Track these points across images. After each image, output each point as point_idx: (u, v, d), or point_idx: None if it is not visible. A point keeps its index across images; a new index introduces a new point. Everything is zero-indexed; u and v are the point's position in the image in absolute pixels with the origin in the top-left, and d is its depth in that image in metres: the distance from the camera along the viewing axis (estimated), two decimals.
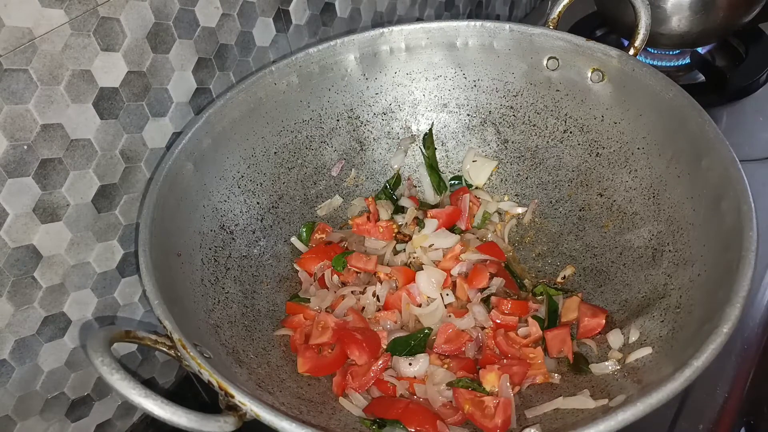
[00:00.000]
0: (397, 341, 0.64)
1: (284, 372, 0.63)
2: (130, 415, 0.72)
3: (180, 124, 0.67)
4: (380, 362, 0.61)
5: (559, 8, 0.75)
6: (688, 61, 1.04)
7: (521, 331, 0.65)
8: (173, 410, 0.42)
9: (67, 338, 0.62)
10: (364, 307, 0.68)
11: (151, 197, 0.58)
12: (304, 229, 0.77)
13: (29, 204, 0.55)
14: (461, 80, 0.79)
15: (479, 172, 0.81)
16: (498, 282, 0.68)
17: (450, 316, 0.66)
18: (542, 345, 0.64)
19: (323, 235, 0.76)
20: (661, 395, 0.43)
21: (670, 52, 1.05)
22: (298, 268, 0.74)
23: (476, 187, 0.81)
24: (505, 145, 0.80)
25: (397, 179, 0.82)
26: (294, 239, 0.76)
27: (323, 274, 0.72)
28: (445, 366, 0.62)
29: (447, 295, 0.68)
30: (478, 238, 0.75)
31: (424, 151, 0.82)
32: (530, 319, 0.65)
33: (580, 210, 0.75)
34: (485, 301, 0.67)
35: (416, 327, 0.67)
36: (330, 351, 0.65)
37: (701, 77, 1.02)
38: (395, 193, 0.81)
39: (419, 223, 0.76)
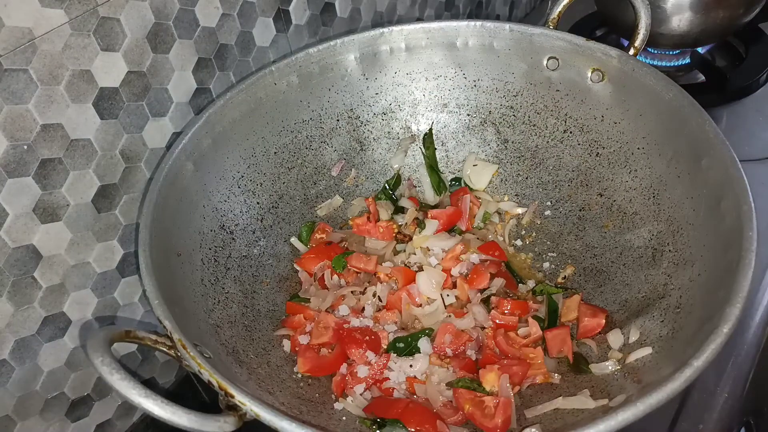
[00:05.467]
0: (397, 341, 0.64)
1: (284, 372, 0.63)
2: (130, 415, 0.72)
3: (180, 124, 0.67)
4: (380, 362, 0.62)
5: (559, 8, 0.75)
6: (688, 61, 1.04)
7: (521, 331, 0.65)
8: (173, 410, 0.42)
9: (67, 338, 0.62)
10: (364, 307, 0.68)
11: (151, 197, 0.58)
12: (304, 229, 0.77)
13: (29, 204, 0.55)
14: (461, 80, 0.79)
15: (480, 177, 0.81)
16: (498, 282, 0.68)
17: (450, 316, 0.66)
18: (542, 345, 0.64)
19: (323, 235, 0.76)
20: (661, 395, 0.43)
21: (670, 52, 1.05)
22: (298, 268, 0.74)
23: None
24: (505, 145, 0.80)
25: (397, 179, 0.82)
26: (294, 239, 0.76)
27: (323, 274, 0.72)
28: (445, 366, 0.62)
29: (448, 295, 0.68)
30: (478, 238, 0.75)
31: (424, 151, 0.82)
32: (530, 319, 0.65)
33: (580, 210, 0.75)
34: (485, 301, 0.67)
35: (416, 327, 0.67)
36: (330, 351, 0.65)
37: (701, 77, 1.02)
38: (395, 194, 0.81)
39: (419, 224, 0.76)
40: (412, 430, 0.55)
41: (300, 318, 0.68)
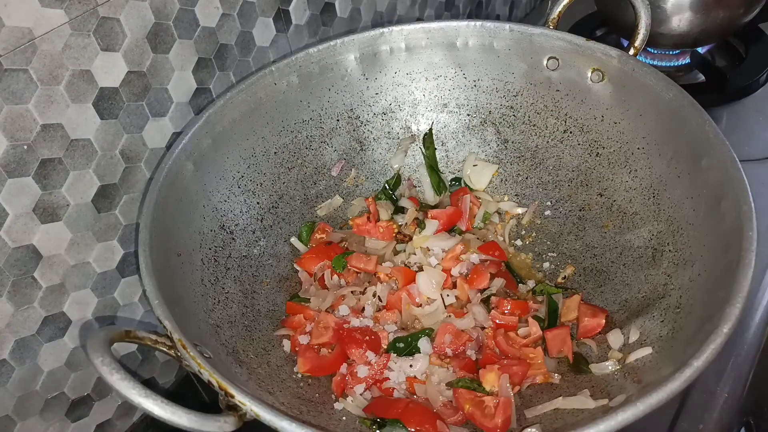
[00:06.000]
0: (397, 341, 0.64)
1: (284, 372, 0.63)
2: (130, 415, 0.72)
3: (180, 124, 0.67)
4: (380, 362, 0.62)
5: (559, 8, 0.75)
6: (688, 61, 1.04)
7: (521, 331, 0.65)
8: (173, 410, 0.42)
9: (67, 338, 0.62)
10: (364, 307, 0.68)
11: (151, 197, 0.58)
12: (304, 229, 0.77)
13: (29, 204, 0.55)
14: (461, 80, 0.79)
15: (480, 177, 0.81)
16: (498, 282, 0.68)
17: (450, 316, 0.66)
18: (542, 345, 0.64)
19: (323, 235, 0.76)
20: (661, 395, 0.43)
21: (670, 52, 1.05)
22: (298, 268, 0.74)
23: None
24: (505, 145, 0.80)
25: (397, 179, 0.82)
26: (294, 239, 0.76)
27: (323, 274, 0.72)
28: (445, 366, 0.62)
29: (448, 295, 0.68)
30: (478, 238, 0.75)
31: (424, 151, 0.82)
32: (530, 319, 0.65)
33: (580, 210, 0.75)
34: (485, 301, 0.67)
35: (416, 327, 0.67)
36: (330, 351, 0.65)
37: (701, 77, 1.02)
38: (395, 194, 0.81)
39: (419, 224, 0.76)
40: (412, 430, 0.55)
41: (300, 318, 0.68)
